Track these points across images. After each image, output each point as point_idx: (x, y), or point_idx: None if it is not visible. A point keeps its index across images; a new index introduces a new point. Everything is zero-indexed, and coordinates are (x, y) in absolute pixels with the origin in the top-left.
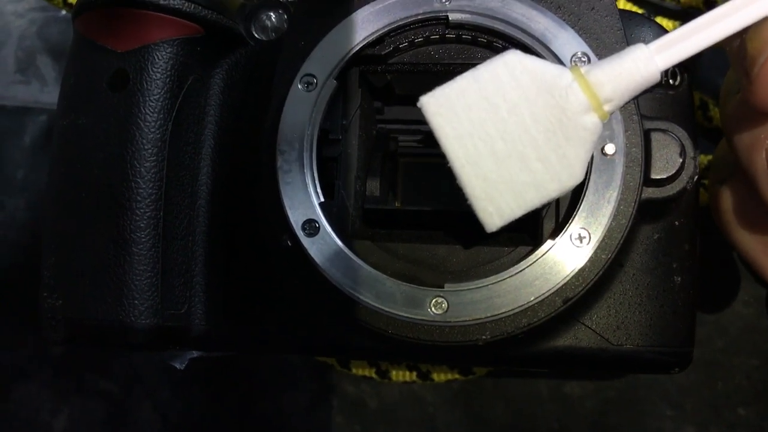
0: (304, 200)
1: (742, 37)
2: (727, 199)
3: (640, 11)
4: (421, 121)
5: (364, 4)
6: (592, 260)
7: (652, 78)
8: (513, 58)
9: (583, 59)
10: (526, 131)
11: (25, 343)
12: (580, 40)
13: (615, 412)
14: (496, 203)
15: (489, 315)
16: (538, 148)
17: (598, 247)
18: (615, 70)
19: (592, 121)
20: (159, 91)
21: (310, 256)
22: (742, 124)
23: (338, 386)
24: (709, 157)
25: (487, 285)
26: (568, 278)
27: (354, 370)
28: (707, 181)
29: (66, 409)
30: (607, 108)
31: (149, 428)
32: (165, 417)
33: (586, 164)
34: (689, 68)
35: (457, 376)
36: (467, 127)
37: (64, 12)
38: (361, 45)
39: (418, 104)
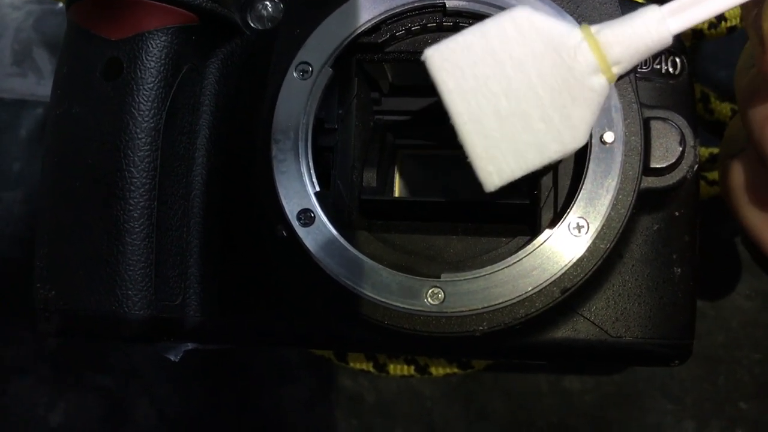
0: (299, 190)
1: (759, 6)
2: (736, 174)
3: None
4: (419, 111)
5: None
6: (590, 250)
7: (664, 41)
8: (522, 14)
9: None
10: (531, 90)
11: (22, 338)
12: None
13: (615, 407)
14: (496, 162)
15: (486, 305)
16: (542, 108)
17: (597, 237)
18: (626, 31)
19: (600, 82)
20: (153, 80)
21: (305, 246)
22: (755, 98)
23: (336, 380)
24: (711, 149)
25: (484, 275)
26: (566, 268)
27: (351, 364)
28: (711, 174)
29: (62, 404)
30: (615, 70)
31: (146, 423)
32: (162, 412)
33: (590, 127)
34: (689, 57)
35: (455, 370)
36: (471, 83)
37: (60, 4)
38: (357, 33)
39: (422, 57)
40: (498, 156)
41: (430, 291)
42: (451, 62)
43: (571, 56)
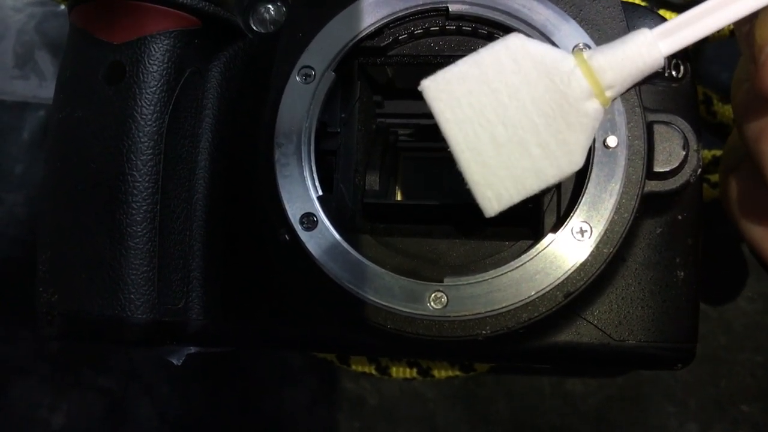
0: (302, 194)
1: (751, 23)
2: (736, 188)
3: (643, 3)
4: (422, 115)
5: None
6: (593, 254)
7: (656, 64)
8: (515, 41)
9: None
10: (526, 117)
11: (24, 339)
12: (582, 31)
13: (617, 409)
14: (495, 189)
15: (489, 309)
16: (538, 134)
17: (600, 241)
18: (618, 56)
19: (594, 107)
20: (156, 83)
21: (307, 250)
22: (751, 113)
23: (337, 383)
24: (713, 152)
25: (487, 279)
26: (569, 272)
27: (354, 367)
28: (714, 177)
29: (64, 405)
30: (609, 94)
31: (147, 424)
32: (163, 413)
33: (587, 151)
34: (692, 60)
35: (457, 372)
36: (468, 112)
37: (62, 6)
38: (360, 37)
39: (419, 88)
40: (496, 182)
41: (433, 295)
42: (447, 92)
43: (565, 82)
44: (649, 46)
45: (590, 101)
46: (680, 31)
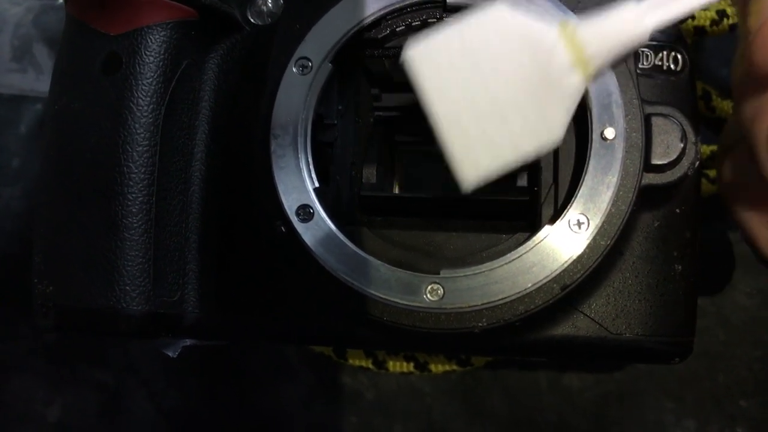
0: (298, 185)
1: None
2: (731, 170)
3: None
4: (419, 107)
5: None
6: (590, 247)
7: (641, 37)
8: (499, 12)
9: None
10: (507, 88)
11: (19, 334)
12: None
13: (615, 405)
14: (473, 160)
15: (485, 302)
16: (518, 106)
17: (597, 234)
18: (603, 28)
19: (576, 80)
20: (152, 75)
21: (303, 242)
22: (746, 94)
23: (335, 377)
24: (712, 147)
25: (484, 271)
26: (566, 265)
27: (350, 361)
28: (713, 172)
29: (60, 399)
30: (592, 67)
31: (143, 418)
32: (159, 407)
33: (566, 124)
34: (691, 53)
35: (454, 367)
36: (449, 81)
37: (60, 0)
38: (357, 28)
39: (402, 57)
40: (475, 154)
41: (429, 287)
42: (429, 61)
43: (548, 54)
44: (636, 19)
45: (573, 74)
46: (668, 5)
